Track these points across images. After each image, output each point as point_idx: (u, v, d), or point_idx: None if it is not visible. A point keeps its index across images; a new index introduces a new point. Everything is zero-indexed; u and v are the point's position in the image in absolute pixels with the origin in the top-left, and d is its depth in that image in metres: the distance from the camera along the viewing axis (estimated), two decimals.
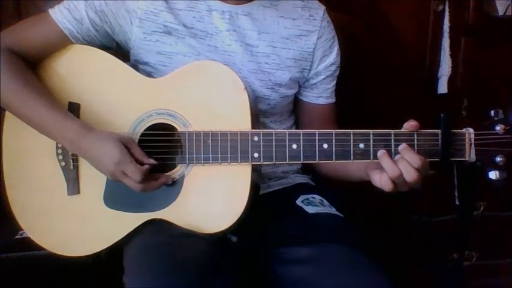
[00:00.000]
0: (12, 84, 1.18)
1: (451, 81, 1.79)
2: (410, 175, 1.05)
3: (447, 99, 1.80)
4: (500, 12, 1.80)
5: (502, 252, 1.96)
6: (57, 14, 1.23)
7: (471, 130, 1.08)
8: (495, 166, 1.08)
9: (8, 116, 1.26)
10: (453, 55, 1.77)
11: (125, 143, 1.13)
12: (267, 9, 1.27)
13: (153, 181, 1.15)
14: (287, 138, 1.12)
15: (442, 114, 1.06)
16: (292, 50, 1.29)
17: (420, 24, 1.77)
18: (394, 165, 1.06)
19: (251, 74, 1.26)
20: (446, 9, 1.75)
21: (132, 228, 1.18)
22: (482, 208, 1.87)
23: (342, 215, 1.30)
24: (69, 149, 1.19)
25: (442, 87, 1.79)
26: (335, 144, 1.10)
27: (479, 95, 1.76)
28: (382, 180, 1.08)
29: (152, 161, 1.15)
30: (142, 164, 1.14)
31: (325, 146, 1.11)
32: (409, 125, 1.09)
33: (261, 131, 1.13)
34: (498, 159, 1.07)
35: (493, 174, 1.09)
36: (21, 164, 1.26)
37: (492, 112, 1.08)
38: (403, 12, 1.75)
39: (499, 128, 1.06)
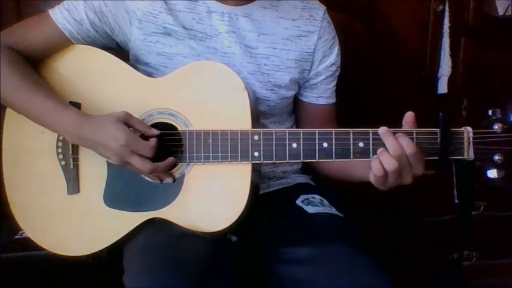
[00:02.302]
0: (11, 79, 1.18)
1: (451, 81, 1.79)
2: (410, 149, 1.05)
3: (447, 99, 1.80)
4: (500, 12, 1.81)
5: (502, 252, 1.96)
6: (57, 15, 1.23)
7: (470, 129, 1.09)
8: (493, 164, 1.09)
9: (8, 115, 1.26)
10: (453, 55, 1.78)
11: (124, 121, 1.13)
12: (267, 10, 1.27)
13: (161, 162, 1.15)
14: (287, 137, 1.12)
15: (440, 113, 1.07)
16: (292, 51, 1.28)
17: (420, 24, 1.77)
18: (396, 141, 1.06)
19: (251, 75, 1.26)
20: (446, 9, 1.75)
21: (132, 228, 1.18)
22: (482, 208, 1.88)
23: (342, 215, 1.30)
24: (70, 140, 1.19)
25: (442, 87, 1.80)
26: (335, 143, 1.10)
27: (479, 95, 1.76)
28: (373, 165, 1.07)
29: (155, 131, 1.15)
30: (146, 137, 1.14)
31: (325, 144, 1.11)
32: (408, 119, 1.08)
33: (261, 130, 1.13)
34: (496, 157, 1.08)
35: (492, 173, 1.09)
36: (21, 164, 1.26)
37: (490, 111, 1.09)
38: (403, 12, 1.75)
39: (497, 126, 1.07)
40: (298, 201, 1.30)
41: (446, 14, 1.75)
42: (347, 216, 1.30)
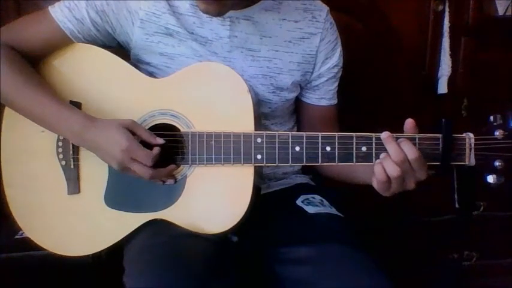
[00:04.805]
0: (13, 79, 1.17)
1: (451, 81, 1.80)
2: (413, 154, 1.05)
3: (447, 99, 1.80)
4: (500, 12, 1.81)
5: (501, 252, 1.97)
6: (58, 13, 1.22)
7: (471, 135, 1.09)
8: (493, 170, 1.09)
9: (7, 114, 1.25)
10: (453, 55, 1.78)
11: (129, 128, 1.13)
12: (269, 12, 1.24)
13: (162, 168, 1.14)
14: (290, 140, 1.11)
15: (443, 120, 1.07)
16: (295, 53, 1.26)
17: (420, 24, 1.77)
18: (398, 147, 1.05)
19: (252, 79, 1.24)
20: (446, 9, 1.75)
21: (133, 229, 1.18)
22: (482, 208, 1.88)
23: (342, 215, 1.30)
24: (73, 142, 1.19)
25: (442, 87, 1.80)
26: (338, 147, 1.10)
27: (479, 95, 1.77)
28: (375, 170, 1.06)
29: (160, 140, 1.15)
30: (151, 145, 1.13)
31: (328, 148, 1.10)
32: (408, 126, 1.08)
33: (264, 132, 1.13)
34: (497, 163, 1.08)
35: (491, 178, 1.10)
36: (20, 163, 1.25)
37: (491, 117, 1.09)
38: (403, 12, 1.75)
39: (498, 133, 1.08)
40: (298, 202, 1.30)
41: (446, 14, 1.75)
42: (347, 216, 1.30)
